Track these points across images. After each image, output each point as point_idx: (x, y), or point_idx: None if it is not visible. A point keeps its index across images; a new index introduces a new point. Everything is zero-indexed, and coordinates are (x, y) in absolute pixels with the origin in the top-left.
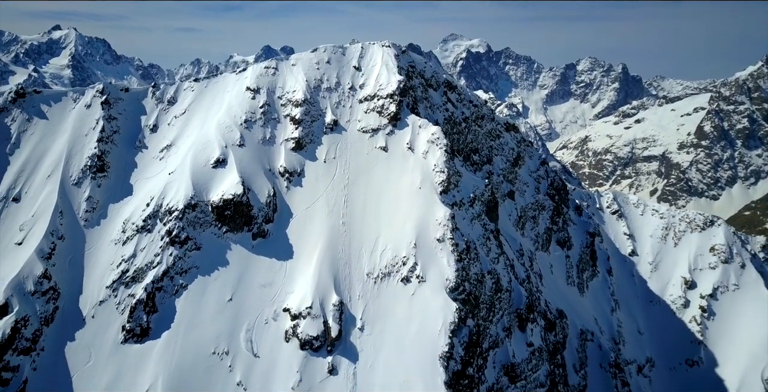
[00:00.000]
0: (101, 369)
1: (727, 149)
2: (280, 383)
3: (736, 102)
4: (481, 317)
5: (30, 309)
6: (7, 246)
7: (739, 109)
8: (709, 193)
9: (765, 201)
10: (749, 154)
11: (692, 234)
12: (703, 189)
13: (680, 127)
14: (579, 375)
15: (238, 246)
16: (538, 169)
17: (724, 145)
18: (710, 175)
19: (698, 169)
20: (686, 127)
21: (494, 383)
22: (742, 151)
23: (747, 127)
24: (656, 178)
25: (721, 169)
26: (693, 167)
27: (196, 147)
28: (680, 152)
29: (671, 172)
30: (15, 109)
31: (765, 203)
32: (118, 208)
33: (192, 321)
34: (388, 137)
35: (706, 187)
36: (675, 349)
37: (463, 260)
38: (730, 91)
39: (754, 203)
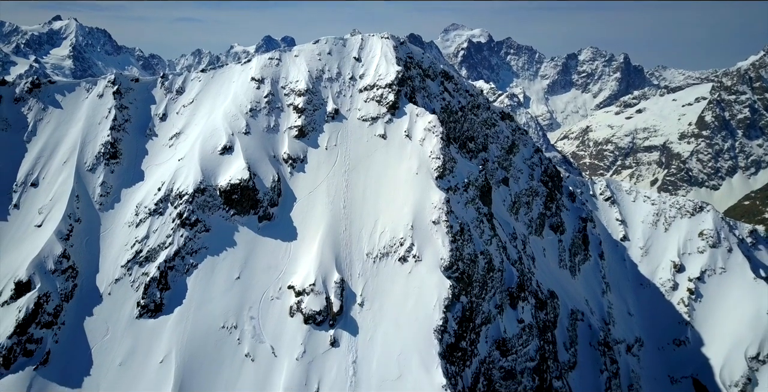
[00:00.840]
0: (118, 341)
1: (728, 139)
2: (285, 354)
3: (737, 92)
4: (474, 294)
5: (51, 286)
6: (27, 228)
7: (741, 98)
8: (709, 182)
9: (764, 191)
10: (750, 143)
11: (682, 220)
12: (703, 179)
13: (681, 117)
14: (569, 352)
15: (245, 228)
16: (532, 157)
17: (725, 135)
18: (711, 165)
19: (699, 159)
20: (687, 117)
21: (486, 356)
22: (743, 141)
23: (748, 117)
24: (657, 168)
25: (721, 159)
26: (694, 157)
27: (204, 134)
28: (681, 142)
29: (672, 162)
30: (31, 98)
31: (764, 193)
32: (131, 193)
33: (202, 298)
34: (386, 125)
35: (706, 177)
36: (663, 330)
37: (457, 241)
38: (731, 81)
39: (753, 193)
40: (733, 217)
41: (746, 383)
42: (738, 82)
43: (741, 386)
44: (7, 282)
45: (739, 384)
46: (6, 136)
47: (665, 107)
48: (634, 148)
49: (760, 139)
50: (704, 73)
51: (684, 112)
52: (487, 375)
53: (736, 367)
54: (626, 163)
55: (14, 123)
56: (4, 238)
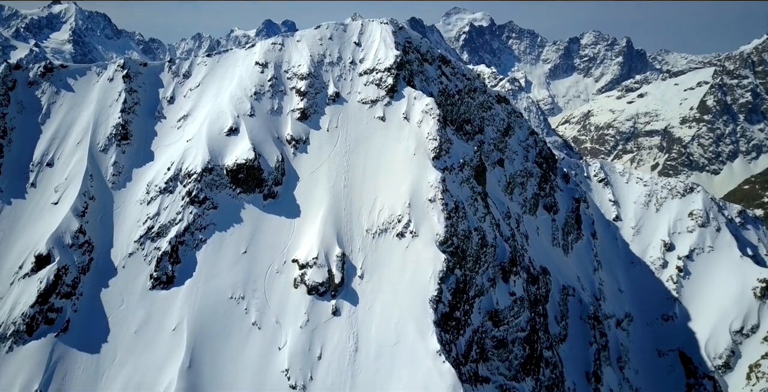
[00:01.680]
0: (133, 311)
1: (730, 123)
2: (289, 323)
3: (739, 76)
4: (468, 268)
5: (69, 260)
6: (44, 206)
7: (743, 83)
8: (710, 167)
9: (764, 175)
10: (751, 128)
11: (673, 201)
12: (704, 163)
13: (683, 101)
14: (560, 325)
15: (251, 206)
16: (527, 139)
17: (727, 120)
18: (712, 149)
19: (700, 144)
20: (689, 102)
21: (479, 326)
22: (745, 126)
23: (750, 101)
24: (658, 153)
25: (722, 144)
26: (695, 142)
27: (210, 117)
28: (682, 127)
29: (673, 146)
30: (44, 82)
31: (764, 177)
32: (142, 172)
33: (211, 271)
34: (385, 108)
35: (707, 162)
36: (652, 305)
37: (451, 218)
38: (734, 65)
39: (753, 177)
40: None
41: (730, 355)
42: (740, 66)
43: (725, 358)
44: (28, 256)
45: (723, 357)
46: (21, 119)
47: (667, 91)
48: (636, 132)
49: (761, 123)
50: (707, 57)
51: (686, 97)
52: (480, 343)
53: (721, 340)
54: (627, 148)
55: (29, 106)
56: (23, 215)
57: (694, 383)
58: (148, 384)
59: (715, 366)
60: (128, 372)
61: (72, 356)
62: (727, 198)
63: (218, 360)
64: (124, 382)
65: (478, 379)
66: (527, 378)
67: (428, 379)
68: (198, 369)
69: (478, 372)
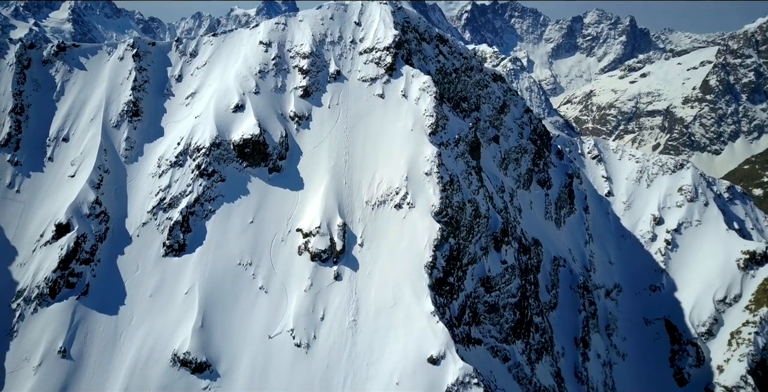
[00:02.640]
0: (147, 276)
1: (732, 103)
2: (294, 287)
3: (743, 55)
4: (461, 237)
5: (87, 228)
6: (62, 178)
7: (746, 62)
8: (711, 147)
9: (765, 155)
10: (754, 108)
11: (663, 177)
12: (705, 143)
13: (686, 81)
14: (550, 294)
15: (257, 179)
16: (522, 117)
17: (729, 99)
18: (713, 129)
19: (702, 124)
20: (692, 81)
21: (472, 291)
22: (747, 105)
23: (753, 81)
24: (659, 133)
25: (724, 124)
26: (696, 122)
27: (217, 94)
28: (684, 106)
29: (674, 126)
30: (58, 61)
31: (765, 157)
32: (153, 147)
33: (220, 239)
34: (384, 86)
35: (708, 142)
36: (640, 276)
37: (446, 190)
38: (737, 44)
39: (754, 157)
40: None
41: (713, 323)
42: (744, 46)
43: (708, 326)
44: (48, 225)
45: (706, 324)
46: (37, 96)
47: (670, 71)
48: (637, 112)
49: (764, 103)
50: (711, 37)
51: (688, 76)
52: (472, 307)
53: (705, 309)
54: (629, 128)
55: (44, 84)
56: (42, 187)
57: (678, 349)
58: (163, 342)
59: (699, 333)
60: (145, 332)
61: (92, 317)
62: (726, 178)
63: (228, 320)
64: (141, 341)
65: (470, 341)
66: (517, 341)
67: (423, 338)
68: (209, 329)
69: (470, 334)
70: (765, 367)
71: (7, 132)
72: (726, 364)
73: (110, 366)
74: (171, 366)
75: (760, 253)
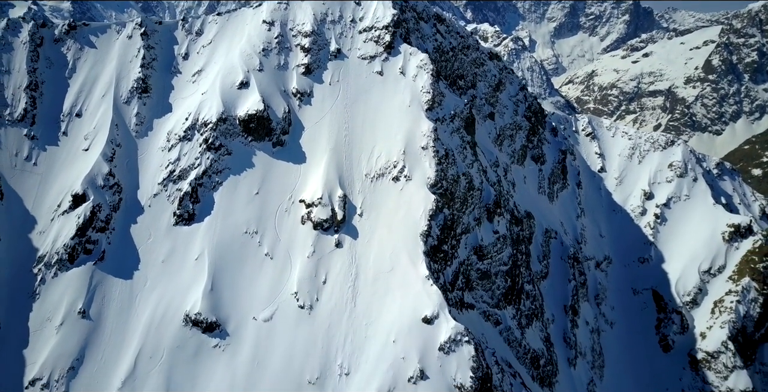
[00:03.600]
0: (159, 244)
1: (734, 83)
2: (298, 254)
3: (746, 35)
4: (456, 208)
5: (102, 199)
6: (76, 152)
7: (749, 42)
8: (712, 128)
9: (765, 135)
10: (756, 88)
11: (654, 153)
12: (706, 124)
13: (688, 60)
14: (542, 264)
15: (261, 153)
16: (517, 94)
17: (731, 80)
18: (715, 109)
19: (703, 104)
20: (694, 61)
21: (465, 259)
22: (749, 86)
23: (756, 61)
24: (661, 113)
25: (726, 104)
26: (698, 102)
27: (223, 71)
28: (686, 87)
29: (676, 106)
30: (69, 39)
31: (765, 137)
32: (162, 122)
33: (228, 209)
34: (383, 63)
35: (709, 122)
36: (630, 249)
37: (442, 164)
38: (741, 24)
39: (754, 137)
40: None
41: (697, 293)
42: (748, 25)
43: (692, 295)
44: (65, 195)
45: (691, 294)
46: (50, 73)
47: (672, 51)
48: (639, 92)
49: (766, 83)
50: (715, 16)
51: (691, 56)
52: (465, 274)
53: (690, 280)
54: (630, 108)
55: (56, 61)
56: (57, 160)
57: (663, 317)
58: (176, 304)
59: (684, 302)
60: (158, 295)
61: (109, 281)
62: (726, 158)
63: (236, 284)
64: (155, 303)
65: (463, 305)
66: (508, 306)
67: (418, 300)
68: (219, 291)
69: (463, 299)
70: (745, 333)
71: (23, 108)
72: (708, 331)
73: (127, 326)
74: (183, 326)
75: (744, 226)
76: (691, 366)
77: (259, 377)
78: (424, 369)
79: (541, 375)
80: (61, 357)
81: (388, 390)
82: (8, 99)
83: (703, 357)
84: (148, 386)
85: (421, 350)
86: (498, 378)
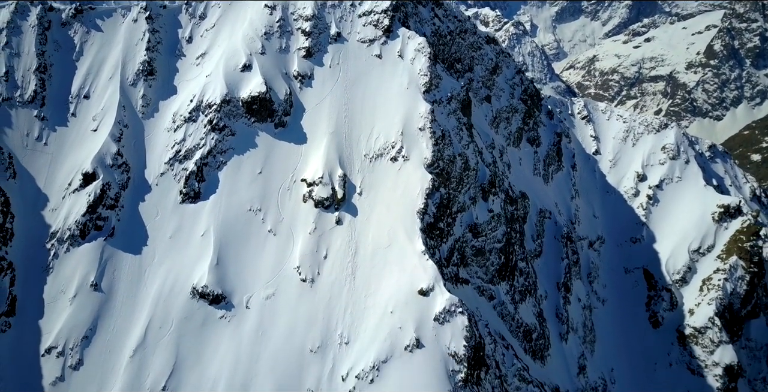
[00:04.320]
0: (167, 221)
1: (736, 69)
2: (300, 230)
3: (749, 19)
4: (452, 188)
5: (110, 177)
6: (85, 132)
7: (752, 26)
8: (713, 113)
9: (765, 120)
10: (757, 73)
11: (648, 136)
12: (707, 109)
13: (690, 45)
14: (536, 243)
15: (264, 133)
16: (514, 77)
17: (733, 65)
18: (716, 95)
19: (704, 89)
20: (696, 46)
21: (460, 236)
22: (751, 71)
23: (758, 46)
24: (662, 99)
25: (727, 89)
26: (699, 87)
27: (226, 55)
28: (688, 72)
29: (677, 92)
30: (76, 23)
31: (765, 122)
32: (167, 104)
33: (232, 188)
34: (382, 47)
35: (710, 108)
36: (622, 229)
37: (438, 144)
38: (744, 8)
39: (755, 122)
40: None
41: (686, 271)
42: (750, 9)
43: (682, 274)
44: (76, 174)
45: (681, 272)
46: (58, 56)
47: (674, 36)
48: (640, 78)
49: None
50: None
51: (693, 41)
52: (460, 250)
53: (680, 259)
54: (631, 94)
55: (64, 44)
56: (67, 140)
57: (653, 295)
58: (183, 277)
59: (673, 280)
60: (166, 269)
61: (119, 256)
62: (726, 143)
63: (241, 259)
64: (164, 276)
65: (458, 280)
66: (502, 282)
67: (414, 273)
68: (224, 266)
69: (458, 274)
70: (731, 310)
71: (33, 89)
72: (696, 308)
73: (137, 298)
74: (191, 298)
75: (733, 207)
76: (679, 341)
77: (263, 346)
78: (420, 338)
79: (534, 348)
80: (75, 327)
81: (386, 357)
82: (18, 81)
83: (690, 332)
84: (158, 354)
85: (417, 320)
86: (491, 348)
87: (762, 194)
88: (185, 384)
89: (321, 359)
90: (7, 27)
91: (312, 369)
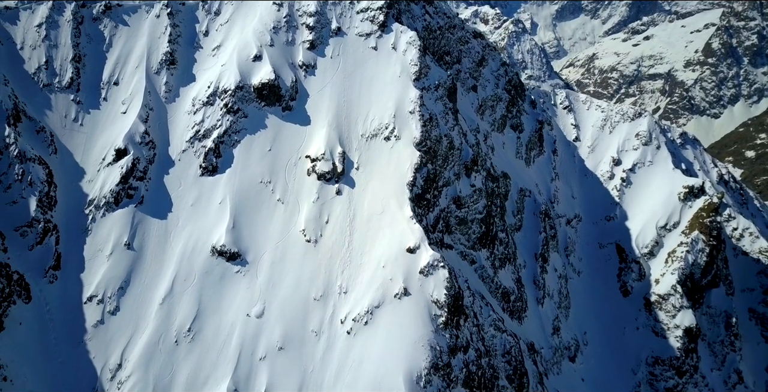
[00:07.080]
0: (188, 191)
1: (733, 67)
2: (305, 199)
3: (747, 18)
4: (438, 164)
5: (140, 153)
6: (116, 114)
7: (750, 25)
8: (710, 111)
9: (760, 117)
10: (755, 71)
11: (624, 124)
12: (705, 107)
13: (689, 44)
14: (516, 218)
15: (273, 116)
16: (499, 69)
17: (731, 63)
18: (713, 93)
19: (702, 87)
20: (695, 44)
21: (445, 207)
22: (748, 69)
23: (755, 44)
24: (660, 97)
25: (725, 87)
26: (697, 85)
27: (239, 47)
28: (686, 70)
29: (675, 90)
30: (105, 18)
31: (759, 119)
32: (187, 90)
33: (245, 163)
34: (377, 40)
35: (708, 106)
36: (598, 209)
37: (426, 126)
38: (742, 6)
39: (750, 120)
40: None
41: (654, 245)
42: (749, 8)
43: (650, 248)
44: (109, 150)
45: (649, 246)
46: (91, 48)
47: (673, 34)
48: (639, 76)
49: (765, 66)
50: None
51: (692, 39)
52: (445, 219)
53: (648, 234)
54: (630, 92)
55: (95, 37)
56: (100, 121)
57: (624, 267)
58: (203, 238)
59: (642, 253)
60: (189, 232)
61: (147, 221)
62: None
63: (254, 223)
64: (187, 238)
65: (443, 245)
66: (483, 249)
67: (403, 235)
68: (239, 229)
69: (443, 240)
70: (693, 279)
71: (69, 76)
72: (662, 277)
73: (164, 256)
74: (211, 256)
75: (697, 187)
76: (645, 307)
77: (273, 295)
78: (407, 287)
79: (511, 308)
80: (112, 280)
81: (378, 304)
82: (57, 69)
83: (655, 299)
84: (183, 302)
85: (405, 273)
86: (469, 300)
87: (730, 179)
88: (207, 326)
89: (323, 306)
90: (46, 22)
91: (315, 314)
